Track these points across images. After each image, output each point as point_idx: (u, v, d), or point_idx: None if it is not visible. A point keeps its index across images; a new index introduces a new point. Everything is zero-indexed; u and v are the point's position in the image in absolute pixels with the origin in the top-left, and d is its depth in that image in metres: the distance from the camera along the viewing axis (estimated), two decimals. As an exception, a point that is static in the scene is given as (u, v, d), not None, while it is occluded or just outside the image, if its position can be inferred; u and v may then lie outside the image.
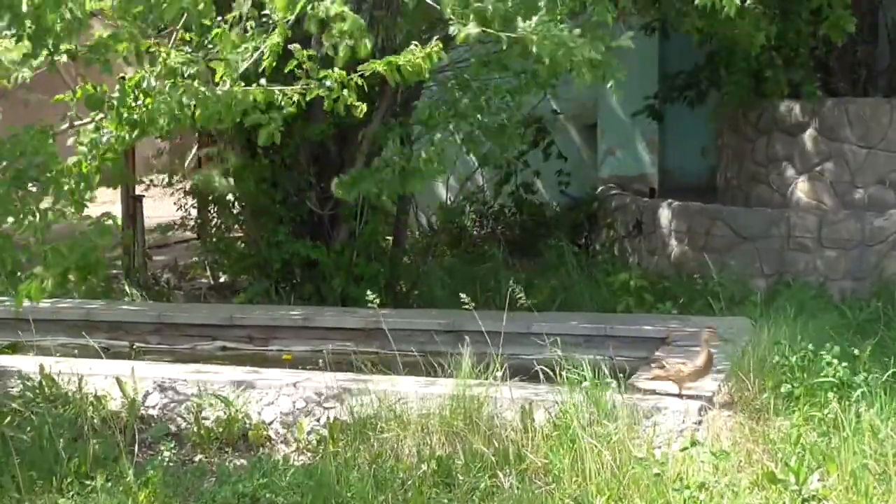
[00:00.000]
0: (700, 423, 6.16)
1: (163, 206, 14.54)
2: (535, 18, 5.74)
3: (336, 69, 5.93)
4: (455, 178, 13.01)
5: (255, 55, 6.03)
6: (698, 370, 6.54)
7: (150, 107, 5.68)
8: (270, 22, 6.17)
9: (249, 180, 10.42)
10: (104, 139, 5.82)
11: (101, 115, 5.99)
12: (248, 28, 6.20)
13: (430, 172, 8.76)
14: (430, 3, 6.24)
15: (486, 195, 13.74)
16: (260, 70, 6.04)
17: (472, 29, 5.80)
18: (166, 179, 13.91)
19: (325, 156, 10.41)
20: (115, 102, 5.73)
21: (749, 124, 11.95)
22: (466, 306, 6.98)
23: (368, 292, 7.30)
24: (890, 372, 6.63)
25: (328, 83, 5.94)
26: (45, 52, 5.49)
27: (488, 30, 5.83)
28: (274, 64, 5.94)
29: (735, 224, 11.03)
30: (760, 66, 11.23)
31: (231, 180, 10.78)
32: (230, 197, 11.25)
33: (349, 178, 9.03)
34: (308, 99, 6.00)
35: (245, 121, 6.12)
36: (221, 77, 5.91)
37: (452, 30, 6.00)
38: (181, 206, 13.13)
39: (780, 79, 11.27)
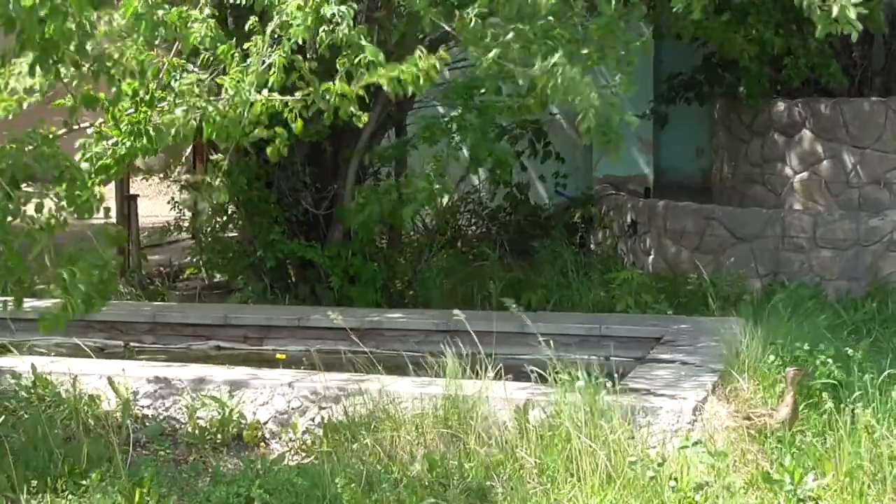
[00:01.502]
0: (694, 423, 6.15)
1: (157, 205, 14.55)
2: (555, 57, 5.70)
3: (338, 82, 5.91)
4: (450, 179, 12.99)
5: (262, 68, 6.03)
6: (788, 418, 6.21)
7: (149, 117, 5.68)
8: (275, 35, 6.15)
9: (243, 180, 10.41)
10: (108, 151, 5.82)
11: (101, 121, 5.99)
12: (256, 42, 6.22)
13: (426, 198, 8.84)
14: (447, 28, 6.21)
15: (481, 195, 13.73)
16: (268, 84, 6.02)
17: (491, 54, 5.77)
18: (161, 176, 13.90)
19: (321, 155, 10.41)
20: (108, 104, 5.73)
21: (744, 124, 11.96)
22: (457, 315, 6.95)
23: (330, 313, 7.23)
24: (885, 372, 6.64)
25: (328, 96, 5.92)
26: (52, 70, 5.48)
27: (506, 64, 5.80)
28: (283, 78, 5.93)
29: (730, 224, 11.03)
30: (778, 54, 11.12)
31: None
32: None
33: (356, 206, 9.15)
34: (310, 113, 5.99)
35: (251, 136, 6.10)
36: (226, 89, 5.91)
37: (473, 58, 5.96)
38: (175, 206, 13.12)
39: (800, 64, 11.17)
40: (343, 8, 5.84)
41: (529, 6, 5.86)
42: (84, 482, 5.87)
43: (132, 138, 5.69)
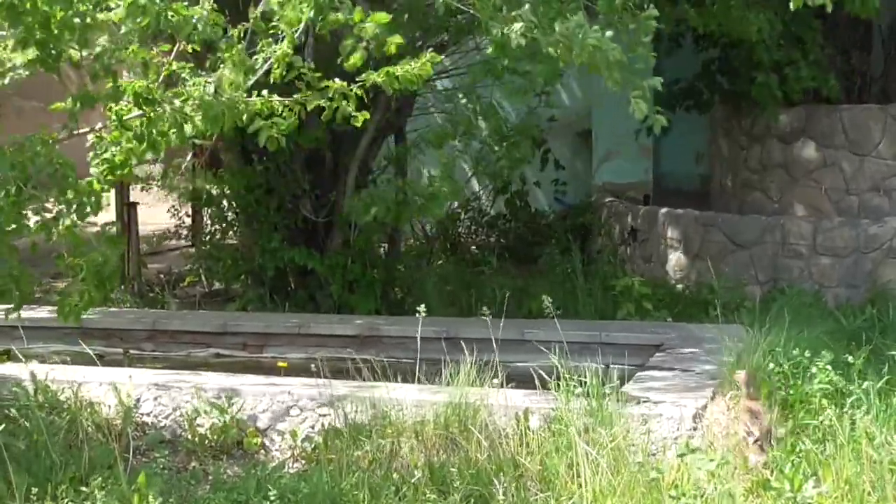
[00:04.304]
0: (695, 429, 6.16)
1: (157, 212, 14.54)
2: (573, 21, 5.79)
3: (336, 80, 5.93)
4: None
5: (266, 65, 6.06)
6: (762, 428, 6.18)
7: (152, 116, 5.69)
8: (279, 32, 6.17)
9: (243, 186, 10.41)
10: (116, 158, 5.84)
11: (101, 126, 6.00)
12: (258, 40, 6.25)
13: (441, 202, 8.87)
14: (461, 6, 6.26)
15: (481, 202, 13.73)
16: (271, 81, 6.04)
17: (516, 26, 5.81)
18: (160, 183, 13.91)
19: (320, 162, 10.41)
20: (110, 103, 5.75)
21: (743, 131, 11.97)
22: (484, 315, 6.95)
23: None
24: (885, 379, 6.63)
25: (328, 94, 5.94)
26: (50, 59, 5.50)
27: (527, 34, 5.86)
28: (284, 74, 5.95)
29: (729, 231, 11.04)
30: (779, 64, 11.10)
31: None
32: (224, 203, 11.25)
33: (363, 201, 9.16)
34: (308, 109, 6.00)
35: (249, 128, 6.10)
36: (228, 87, 5.93)
37: (494, 32, 5.99)
38: (175, 214, 13.13)
39: (800, 76, 11.14)
40: None
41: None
42: (84, 489, 5.86)
43: (138, 143, 5.71)
